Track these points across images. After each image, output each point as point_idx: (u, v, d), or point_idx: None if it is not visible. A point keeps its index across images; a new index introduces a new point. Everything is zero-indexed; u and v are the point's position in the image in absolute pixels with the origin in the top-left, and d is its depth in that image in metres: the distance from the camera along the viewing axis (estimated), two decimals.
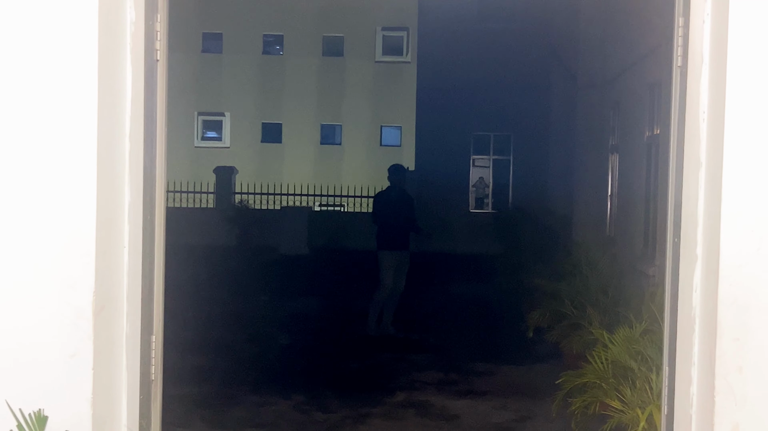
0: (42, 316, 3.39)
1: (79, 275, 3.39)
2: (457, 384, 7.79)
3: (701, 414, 3.49)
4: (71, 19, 3.36)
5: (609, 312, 7.56)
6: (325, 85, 29.64)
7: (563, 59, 16.03)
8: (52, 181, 3.40)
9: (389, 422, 6.55)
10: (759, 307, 3.29)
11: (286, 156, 29.76)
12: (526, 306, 10.41)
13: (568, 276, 8.45)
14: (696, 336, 3.53)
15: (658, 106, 8.82)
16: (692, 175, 3.57)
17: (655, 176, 8.80)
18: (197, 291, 11.10)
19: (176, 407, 5.87)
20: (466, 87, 21.18)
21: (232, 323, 10.25)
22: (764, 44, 3.30)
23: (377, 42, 29.83)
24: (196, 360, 8.16)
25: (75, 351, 3.38)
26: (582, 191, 13.33)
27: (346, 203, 21.48)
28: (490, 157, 23.33)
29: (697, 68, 3.54)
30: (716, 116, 3.40)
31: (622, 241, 10.46)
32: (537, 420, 6.59)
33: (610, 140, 11.84)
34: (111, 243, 3.55)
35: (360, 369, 8.53)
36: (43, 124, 3.38)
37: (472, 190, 23.17)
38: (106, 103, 3.47)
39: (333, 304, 12.18)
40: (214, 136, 30.65)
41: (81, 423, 3.37)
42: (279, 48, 30.46)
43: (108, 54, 3.47)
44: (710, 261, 3.41)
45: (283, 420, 6.53)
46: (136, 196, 3.66)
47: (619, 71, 10.98)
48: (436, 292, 13.29)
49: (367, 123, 29.83)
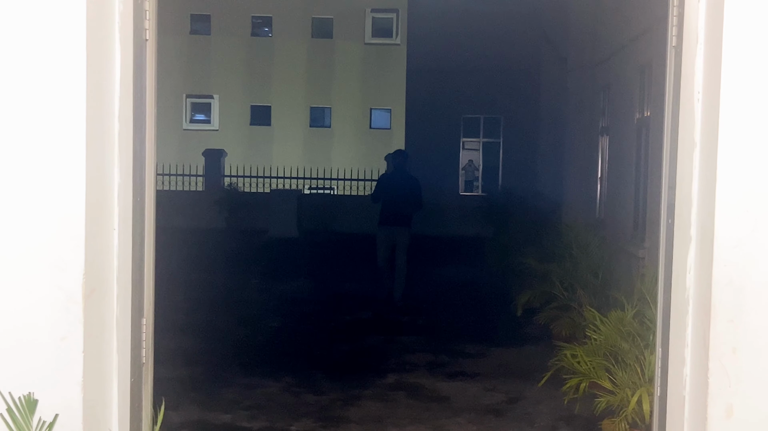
0: (32, 300, 3.35)
1: (69, 258, 3.35)
2: (447, 366, 7.80)
3: (694, 395, 3.48)
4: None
5: (599, 294, 7.59)
6: (314, 68, 29.49)
7: (553, 41, 15.99)
8: (40, 163, 3.35)
9: (380, 404, 6.55)
10: (754, 288, 3.28)
11: (275, 138, 29.63)
12: (515, 288, 10.44)
13: (558, 258, 8.46)
14: (690, 317, 3.52)
15: (648, 88, 8.80)
16: (687, 155, 3.55)
17: (645, 158, 8.79)
18: (187, 275, 11.07)
19: (167, 390, 5.85)
20: (456, 69, 21.14)
21: (222, 306, 10.23)
22: (760, 23, 3.27)
23: (367, 24, 29.66)
24: (186, 342, 8.14)
25: (65, 334, 3.35)
26: (572, 173, 13.32)
27: (336, 186, 21.42)
28: (480, 139, 23.31)
29: (692, 48, 3.51)
30: (711, 96, 3.38)
31: (611, 223, 10.47)
32: (527, 401, 6.60)
33: (600, 122, 11.82)
34: (101, 226, 3.51)
35: (350, 351, 8.52)
36: (32, 105, 3.33)
37: (462, 173, 23.17)
38: (95, 84, 3.42)
39: (322, 287, 12.17)
40: (203, 118, 30.47)
41: (71, 407, 3.34)
42: (268, 30, 30.27)
43: (96, 33, 3.42)
44: (704, 242, 3.40)
45: (273, 402, 6.52)
46: (126, 177, 3.62)
47: (610, 53, 10.96)
48: (427, 275, 13.28)
49: (356, 105, 29.71)
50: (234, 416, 6.12)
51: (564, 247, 8.64)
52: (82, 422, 3.37)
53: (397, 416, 6.23)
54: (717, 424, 3.32)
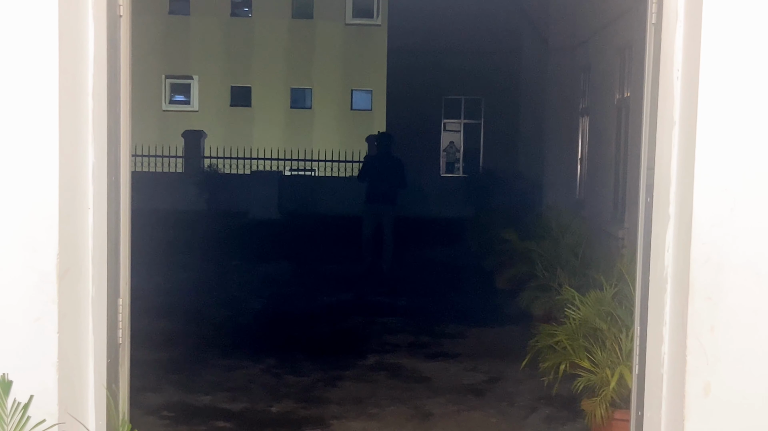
0: (5, 280, 3.30)
1: (43, 238, 3.30)
2: (428, 347, 7.81)
3: (672, 373, 3.50)
4: None
5: (579, 274, 7.60)
6: (294, 48, 29.32)
7: (534, 22, 15.96)
8: (12, 142, 3.29)
9: (361, 384, 6.55)
10: (732, 267, 3.28)
11: (255, 120, 29.48)
12: (496, 268, 10.46)
13: (538, 238, 8.48)
14: (668, 295, 3.53)
15: (629, 68, 8.80)
16: (665, 134, 3.55)
17: (625, 139, 8.81)
18: (167, 257, 11.01)
19: (146, 371, 5.82)
20: (437, 50, 21.05)
21: (203, 288, 10.18)
22: (739, 1, 3.26)
23: (347, 4, 29.50)
24: (166, 324, 8.10)
25: (39, 314, 3.30)
26: (552, 154, 13.34)
27: (317, 167, 21.35)
28: (461, 120, 23.27)
29: (672, 26, 3.50)
30: (691, 74, 3.37)
31: (591, 204, 10.51)
32: (507, 381, 6.62)
33: (580, 103, 11.83)
34: (75, 205, 3.46)
35: (331, 332, 8.51)
36: (2, 83, 3.27)
37: (443, 154, 23.13)
38: (68, 60, 3.36)
39: (304, 268, 12.14)
40: (182, 99, 30.26)
41: (47, 388, 3.30)
42: (248, 10, 30.03)
43: (69, 9, 3.36)
44: (683, 221, 3.40)
45: (254, 384, 6.51)
46: (101, 156, 3.57)
47: (590, 34, 10.95)
48: (408, 256, 13.28)
49: (337, 87, 29.59)
50: (214, 397, 6.11)
51: (544, 228, 8.65)
52: (58, 403, 3.33)
53: (378, 397, 6.23)
54: (695, 402, 3.33)
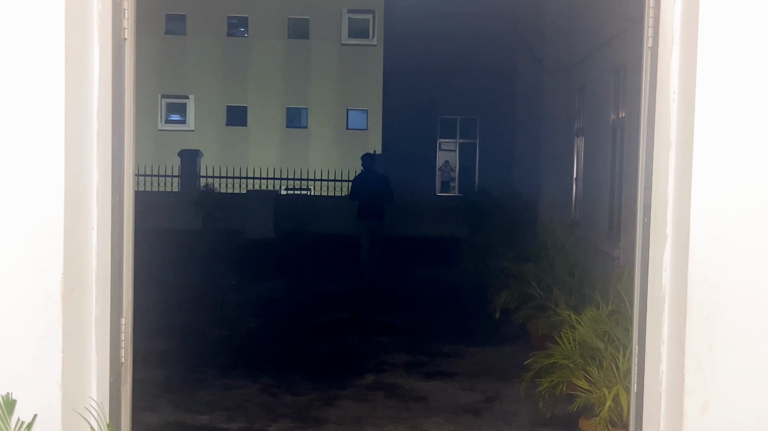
0: (10, 299, 3.33)
1: (48, 257, 3.33)
2: (425, 366, 7.82)
3: (671, 392, 3.53)
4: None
5: (575, 294, 7.64)
6: (290, 68, 29.42)
7: (529, 43, 16.08)
8: (19, 162, 3.33)
9: (358, 404, 6.56)
10: (729, 286, 3.32)
11: (251, 139, 29.53)
12: (492, 288, 10.48)
13: (534, 258, 8.51)
14: (666, 314, 3.56)
15: (623, 89, 8.88)
16: (662, 155, 3.60)
17: (620, 159, 8.87)
18: (164, 276, 11.01)
19: (144, 391, 5.83)
20: (433, 70, 21.19)
21: (199, 307, 10.19)
22: (735, 24, 3.32)
23: (343, 24, 29.65)
24: (163, 343, 8.10)
25: (44, 334, 3.33)
26: (548, 174, 13.42)
27: (313, 186, 21.39)
28: (457, 140, 23.37)
29: (668, 49, 3.56)
30: (687, 96, 3.42)
31: (587, 224, 10.56)
32: (505, 400, 6.64)
33: (575, 124, 11.92)
34: (79, 225, 3.49)
35: (328, 351, 8.52)
36: (10, 104, 3.31)
37: (439, 174, 23.22)
38: (74, 82, 3.41)
39: (300, 287, 12.16)
40: (178, 119, 30.31)
41: (50, 406, 3.32)
42: (244, 30, 30.16)
43: (75, 32, 3.41)
44: (680, 241, 3.44)
45: (251, 403, 6.51)
46: (105, 176, 3.61)
47: (585, 55, 11.04)
48: (404, 275, 13.31)
49: (333, 106, 29.68)
50: (212, 417, 6.11)
51: (540, 247, 8.69)
52: (61, 423, 3.35)
53: (375, 416, 6.24)
54: (693, 420, 3.36)
